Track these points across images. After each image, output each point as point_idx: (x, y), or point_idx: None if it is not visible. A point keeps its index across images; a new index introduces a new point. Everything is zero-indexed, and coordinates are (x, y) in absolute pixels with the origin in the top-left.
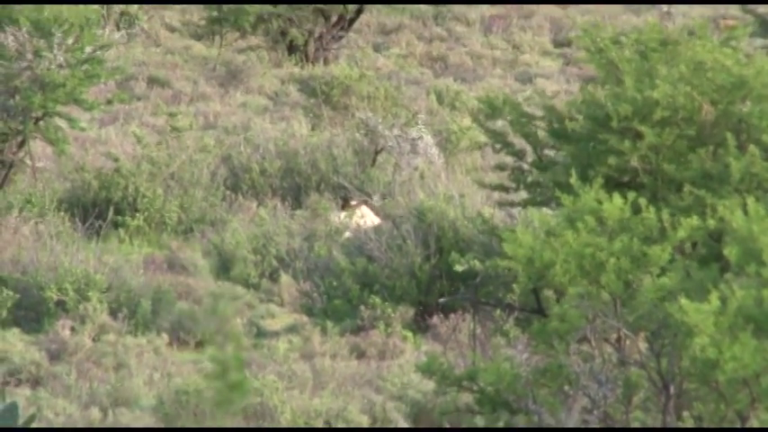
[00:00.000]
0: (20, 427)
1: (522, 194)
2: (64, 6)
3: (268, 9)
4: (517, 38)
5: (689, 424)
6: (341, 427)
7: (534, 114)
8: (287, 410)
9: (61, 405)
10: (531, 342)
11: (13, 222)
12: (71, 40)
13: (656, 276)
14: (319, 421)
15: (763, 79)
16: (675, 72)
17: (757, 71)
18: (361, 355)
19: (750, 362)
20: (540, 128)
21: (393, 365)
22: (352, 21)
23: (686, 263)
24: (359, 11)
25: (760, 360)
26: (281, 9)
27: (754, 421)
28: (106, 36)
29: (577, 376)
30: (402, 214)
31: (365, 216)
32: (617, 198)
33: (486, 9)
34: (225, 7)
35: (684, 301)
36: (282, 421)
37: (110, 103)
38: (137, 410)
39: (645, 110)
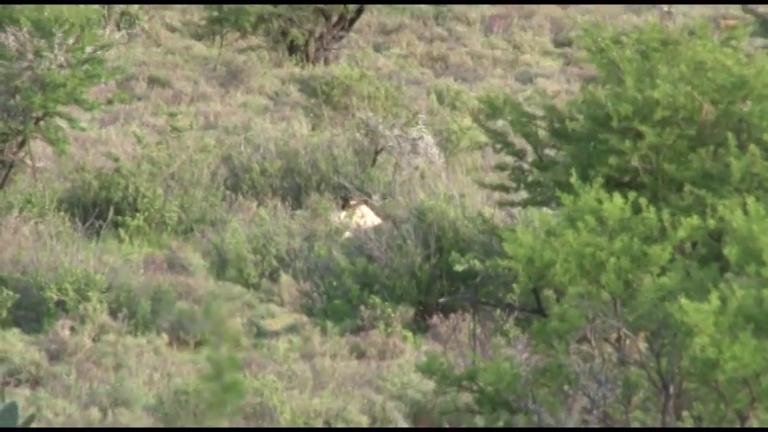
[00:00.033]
0: (19, 428)
1: (523, 194)
2: (64, 6)
3: (268, 9)
4: (518, 38)
5: (689, 424)
6: (341, 427)
7: (535, 114)
8: (287, 410)
9: (61, 405)
10: (530, 342)
11: (13, 222)
12: (72, 40)
13: (656, 276)
14: (319, 421)
15: (764, 79)
16: (676, 72)
17: (758, 71)
18: (361, 355)
19: (750, 361)
20: (541, 128)
21: (393, 365)
22: (352, 21)
23: (686, 262)
24: (359, 11)
25: (760, 360)
26: (281, 9)
27: (753, 421)
28: (107, 36)
29: (577, 376)
30: (402, 214)
31: (365, 216)
32: (617, 198)
33: (487, 9)
34: (225, 7)
35: (684, 301)
36: (282, 421)
37: (110, 103)
38: (136, 410)
39: (645, 110)
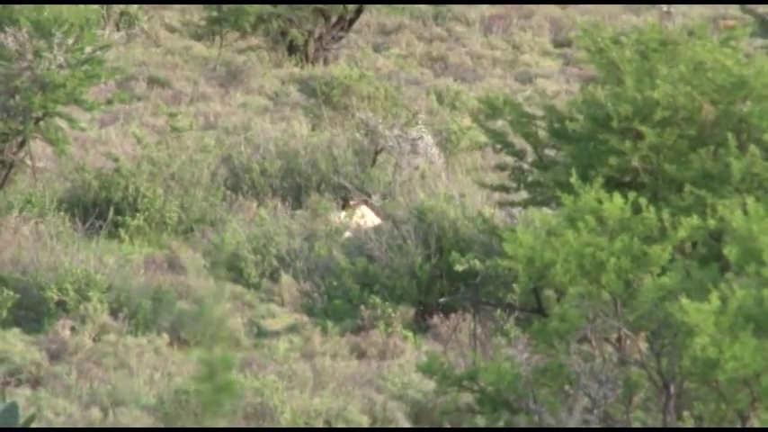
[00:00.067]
0: (20, 428)
1: (523, 194)
2: (64, 6)
3: (268, 9)
4: (517, 38)
5: (689, 424)
6: (341, 427)
7: (534, 114)
8: (287, 410)
9: (61, 405)
10: (531, 342)
11: (13, 222)
12: (71, 40)
13: (656, 276)
14: (319, 421)
15: (764, 79)
16: (676, 72)
17: (757, 71)
18: (362, 355)
19: (750, 361)
20: (541, 128)
21: (393, 365)
22: (351, 21)
23: (686, 262)
24: (359, 11)
25: (760, 359)
26: (280, 9)
27: (754, 421)
28: (106, 36)
29: (578, 376)
30: (402, 214)
31: (365, 216)
32: (617, 198)
33: (486, 9)
34: (225, 7)
35: (685, 301)
36: (282, 421)
37: (110, 103)
38: (137, 410)
39: (645, 110)
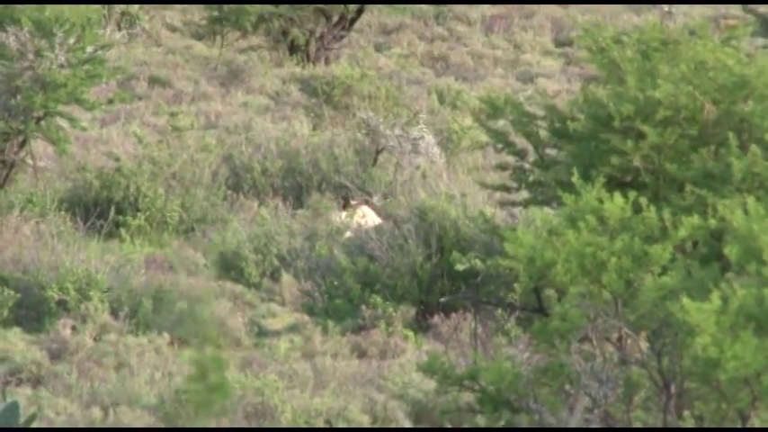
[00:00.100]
0: (21, 427)
1: (524, 194)
2: (65, 6)
3: (269, 9)
4: (518, 37)
5: (690, 423)
6: (342, 427)
7: (536, 114)
8: (288, 410)
9: (62, 404)
10: (532, 341)
11: (14, 222)
12: (72, 39)
13: (657, 275)
14: (320, 420)
15: (765, 79)
16: (677, 72)
17: (759, 71)
18: (363, 355)
19: (751, 361)
20: (542, 127)
21: (394, 365)
22: (353, 20)
23: (687, 262)
24: (360, 11)
25: (761, 359)
26: (282, 9)
27: (755, 420)
28: (107, 36)
29: (578, 375)
30: (403, 214)
31: (366, 216)
32: (618, 197)
33: (488, 9)
34: (226, 7)
35: (686, 301)
36: (283, 420)
37: (111, 102)
38: (138, 410)
39: (647, 109)
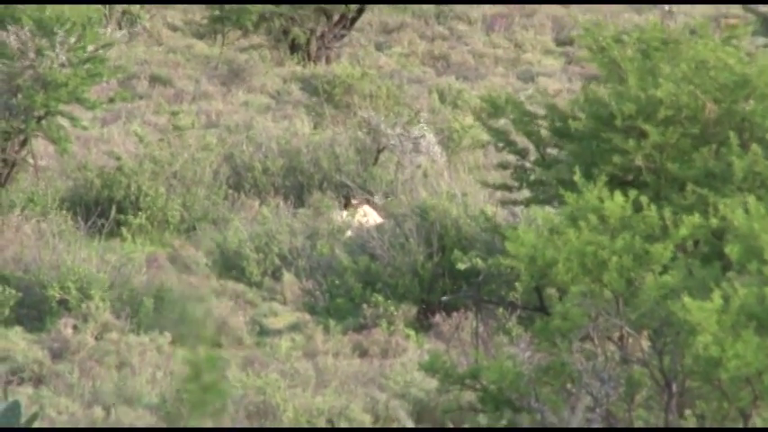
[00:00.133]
0: (22, 427)
1: (525, 193)
2: (66, 5)
3: (270, 8)
4: (519, 36)
5: (691, 422)
6: (344, 426)
7: (536, 113)
8: (289, 409)
9: (64, 404)
10: (533, 340)
11: (15, 221)
12: (73, 38)
13: (658, 274)
14: (322, 420)
15: (766, 78)
16: (678, 71)
17: (760, 70)
18: (364, 354)
19: (753, 360)
20: (543, 127)
21: (396, 364)
22: (353, 20)
23: (688, 261)
24: (361, 10)
25: (762, 358)
26: (283, 8)
27: (756, 419)
28: (108, 35)
29: (580, 374)
30: (404, 213)
31: (367, 215)
32: (618, 196)
33: (488, 8)
34: (227, 6)
35: (687, 299)
36: (285, 420)
37: (112, 101)
38: (139, 409)
39: (649, 108)
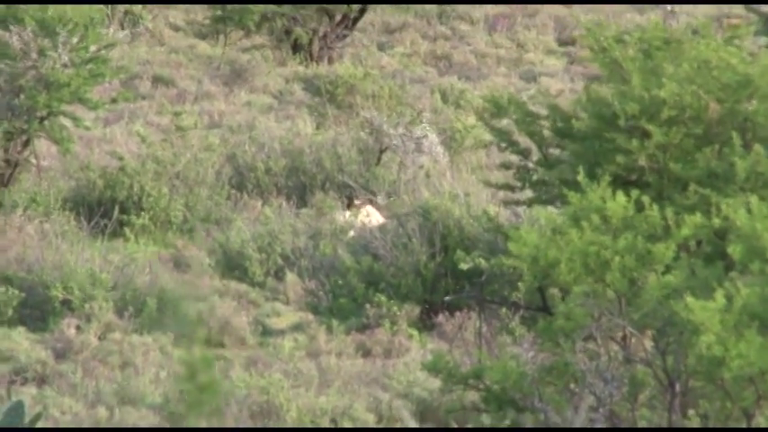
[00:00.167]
0: (26, 427)
1: (528, 193)
2: (68, 6)
3: (272, 8)
4: (521, 36)
5: (695, 422)
6: (347, 426)
7: (539, 113)
8: (293, 408)
9: (67, 404)
10: (536, 340)
11: (18, 221)
12: (75, 39)
13: (660, 274)
14: (325, 419)
15: None
16: (681, 71)
17: (762, 70)
18: (367, 354)
19: (756, 359)
20: (545, 127)
21: (399, 364)
22: (356, 20)
23: (691, 261)
24: (363, 10)
25: (766, 357)
26: (285, 8)
27: (760, 419)
28: (110, 35)
29: (583, 374)
30: (407, 213)
31: (370, 215)
32: (621, 196)
33: (491, 8)
34: (229, 6)
35: (690, 299)
36: (288, 419)
37: (114, 101)
38: (143, 409)
39: (652, 108)
